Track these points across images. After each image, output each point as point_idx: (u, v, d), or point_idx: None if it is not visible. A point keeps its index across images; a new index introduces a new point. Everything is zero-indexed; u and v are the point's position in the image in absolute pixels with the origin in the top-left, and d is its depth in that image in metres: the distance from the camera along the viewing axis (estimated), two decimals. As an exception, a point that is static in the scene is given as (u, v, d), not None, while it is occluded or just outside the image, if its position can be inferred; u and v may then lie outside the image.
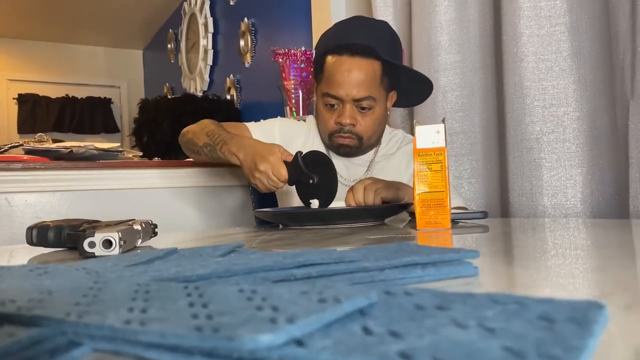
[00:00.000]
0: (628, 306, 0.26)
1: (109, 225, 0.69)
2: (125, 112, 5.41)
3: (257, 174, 1.05)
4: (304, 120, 1.46)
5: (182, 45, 3.98)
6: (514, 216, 1.27)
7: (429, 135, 0.77)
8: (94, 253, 0.61)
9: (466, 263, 0.36)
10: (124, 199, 1.70)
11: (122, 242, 0.62)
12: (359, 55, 1.20)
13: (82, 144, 1.70)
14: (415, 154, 0.77)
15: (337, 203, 1.01)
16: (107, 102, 5.40)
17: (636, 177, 1.01)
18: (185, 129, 1.33)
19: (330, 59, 1.23)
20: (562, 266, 0.42)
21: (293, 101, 2.10)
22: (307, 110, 2.09)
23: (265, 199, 1.66)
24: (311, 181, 1.00)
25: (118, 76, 5.38)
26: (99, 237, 0.61)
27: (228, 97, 3.22)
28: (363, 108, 1.23)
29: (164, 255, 0.45)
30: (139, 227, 0.71)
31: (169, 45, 4.42)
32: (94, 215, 1.66)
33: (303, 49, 2.07)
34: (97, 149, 1.68)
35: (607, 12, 1.12)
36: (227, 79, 3.26)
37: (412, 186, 1.16)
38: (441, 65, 1.49)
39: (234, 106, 3.13)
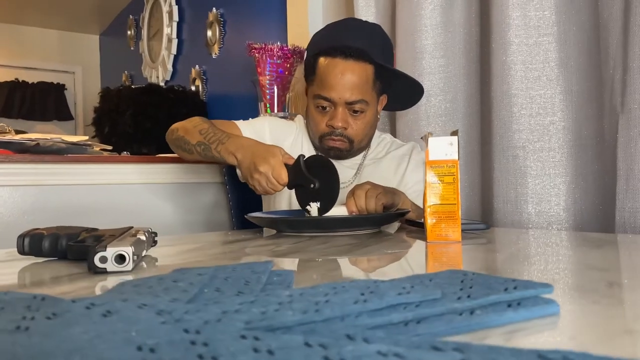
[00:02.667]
0: None
1: (113, 235, 0.65)
2: (80, 99, 5.20)
3: (257, 175, 1.02)
4: (293, 120, 1.43)
5: (144, 32, 3.85)
6: (498, 223, 1.28)
7: (442, 147, 0.76)
8: (105, 269, 0.57)
9: (546, 299, 0.35)
10: (93, 195, 1.63)
11: (135, 257, 0.58)
12: (352, 58, 1.18)
13: (48, 136, 1.62)
14: (428, 166, 0.76)
15: (337, 207, 0.99)
16: (61, 87, 5.16)
17: (623, 189, 1.04)
18: (173, 126, 1.28)
19: (323, 60, 1.21)
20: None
21: (268, 97, 2.06)
22: (282, 107, 2.06)
23: (243, 198, 1.62)
24: (312, 186, 0.98)
25: (72, 61, 5.15)
26: (111, 251, 0.57)
27: (193, 88, 3.14)
28: (355, 111, 1.21)
29: (209, 281, 0.42)
30: (144, 238, 0.67)
31: (128, 32, 4.27)
32: (60, 212, 1.59)
33: (279, 44, 2.03)
34: (65, 142, 1.60)
35: (597, 26, 1.15)
36: (193, 69, 3.18)
37: (403, 192, 1.16)
38: (425, 69, 1.49)
39: (200, 98, 3.06)
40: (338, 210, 0.98)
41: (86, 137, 1.72)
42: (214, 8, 2.91)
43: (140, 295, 0.38)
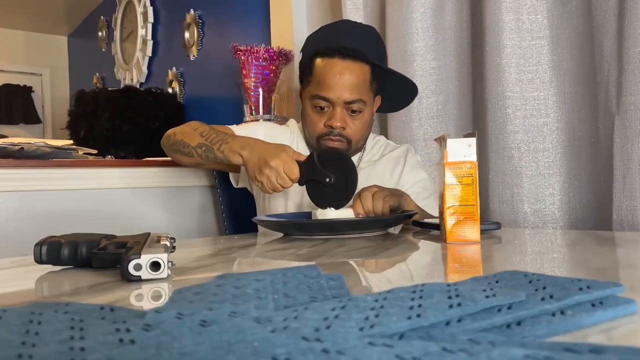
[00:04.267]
0: None
1: (138, 241, 0.64)
2: (48, 101, 5.05)
3: (267, 170, 1.01)
4: (286, 125, 1.42)
5: (117, 34, 3.77)
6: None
7: (461, 149, 0.77)
8: (139, 276, 0.55)
9: (625, 298, 0.36)
10: (79, 200, 1.58)
11: (170, 264, 0.57)
12: (350, 58, 1.19)
13: (32, 140, 1.57)
14: (446, 167, 0.77)
15: (342, 210, 0.99)
16: (27, 90, 5.01)
17: (620, 188, 1.07)
18: (170, 131, 1.26)
19: (320, 61, 1.22)
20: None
21: (253, 99, 2.04)
22: (267, 109, 2.05)
23: (235, 202, 1.60)
24: (327, 180, 0.98)
25: (40, 63, 5.00)
26: (145, 258, 0.55)
27: (170, 90, 3.10)
28: (353, 111, 1.22)
29: (271, 287, 0.41)
30: (168, 244, 0.66)
31: (100, 33, 4.18)
32: (45, 218, 1.54)
33: (263, 46, 2.02)
34: (49, 146, 1.55)
35: (590, 30, 1.18)
36: (169, 71, 3.13)
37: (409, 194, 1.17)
38: (417, 72, 1.50)
39: (178, 100, 3.01)
40: (344, 213, 0.98)
41: (70, 142, 1.67)
42: (191, 9, 2.88)
43: (213, 304, 0.37)
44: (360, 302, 0.33)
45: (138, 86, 3.38)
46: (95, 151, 1.73)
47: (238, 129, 1.32)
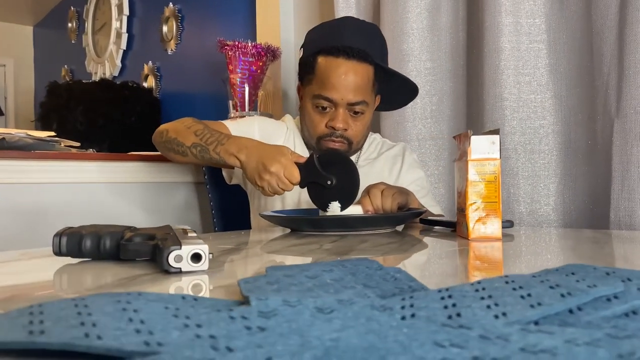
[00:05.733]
0: None
1: (168, 233, 0.61)
2: (11, 93, 4.86)
3: (267, 176, 0.99)
4: (282, 120, 1.40)
5: (88, 25, 3.67)
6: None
7: (484, 146, 0.77)
8: (180, 268, 0.53)
9: None
10: (61, 194, 1.52)
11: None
12: (355, 59, 1.18)
13: (13, 131, 1.50)
14: (470, 164, 0.77)
15: (354, 207, 0.98)
16: (-11, 81, 4.82)
17: (619, 189, 1.09)
18: (161, 127, 1.22)
19: (323, 60, 1.20)
20: None
21: (238, 95, 2.01)
22: (253, 106, 2.02)
23: (225, 200, 1.57)
24: (329, 182, 0.97)
25: (3, 53, 4.81)
26: (186, 250, 0.53)
27: (145, 84, 3.03)
28: (356, 112, 1.21)
29: (344, 277, 0.40)
30: (195, 234, 0.63)
31: (69, 24, 4.06)
32: (26, 212, 1.48)
33: (250, 42, 2.00)
34: (32, 137, 1.49)
35: (589, 34, 1.20)
36: (145, 65, 3.06)
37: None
38: (412, 72, 1.50)
39: (154, 95, 2.95)
40: (352, 210, 0.98)
41: (52, 133, 1.61)
42: (170, 3, 2.82)
43: (302, 292, 0.35)
44: (462, 293, 0.33)
45: (111, 79, 3.29)
46: (77, 144, 1.67)
47: (232, 125, 1.29)
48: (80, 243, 0.62)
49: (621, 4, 1.11)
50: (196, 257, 0.54)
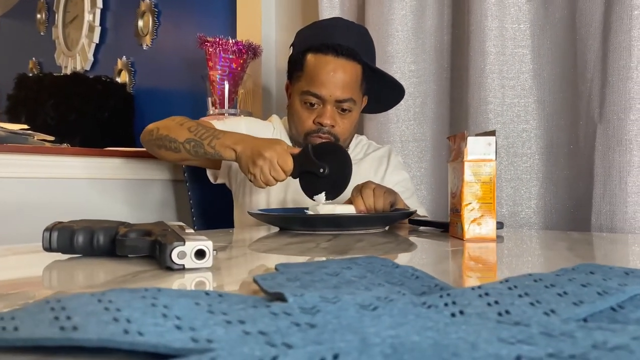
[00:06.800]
0: None
1: (165, 229, 0.59)
2: (-26, 85, 4.68)
3: (261, 161, 0.99)
4: (269, 121, 1.39)
5: (58, 17, 3.57)
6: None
7: (480, 147, 0.77)
8: (183, 265, 0.51)
9: None
10: (34, 189, 1.47)
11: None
12: (343, 57, 1.18)
13: (-16, 122, 1.45)
14: (466, 165, 0.77)
15: (343, 206, 0.97)
16: (-50, 71, 4.62)
17: (600, 193, 1.11)
18: (151, 126, 1.21)
19: (312, 57, 1.20)
20: None
21: (218, 92, 1.99)
22: (233, 103, 2.00)
23: (205, 198, 1.55)
24: (322, 171, 0.97)
25: (-34, 43, 4.64)
26: (190, 246, 0.51)
27: (118, 79, 2.96)
28: (343, 110, 1.21)
29: (365, 275, 0.39)
30: (192, 231, 0.62)
31: (38, 16, 3.94)
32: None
33: (230, 38, 1.97)
34: (4, 129, 1.44)
35: (572, 41, 1.22)
36: (119, 60, 2.99)
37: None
38: (396, 73, 1.50)
39: (128, 90, 2.89)
40: (344, 209, 0.97)
41: (25, 126, 1.56)
42: (147, -3, 2.77)
43: (333, 289, 0.34)
44: (497, 290, 0.32)
45: (83, 73, 3.21)
46: (52, 138, 1.62)
47: (219, 124, 1.28)
48: (72, 238, 0.60)
49: (605, 12, 1.14)
50: (200, 254, 0.52)
